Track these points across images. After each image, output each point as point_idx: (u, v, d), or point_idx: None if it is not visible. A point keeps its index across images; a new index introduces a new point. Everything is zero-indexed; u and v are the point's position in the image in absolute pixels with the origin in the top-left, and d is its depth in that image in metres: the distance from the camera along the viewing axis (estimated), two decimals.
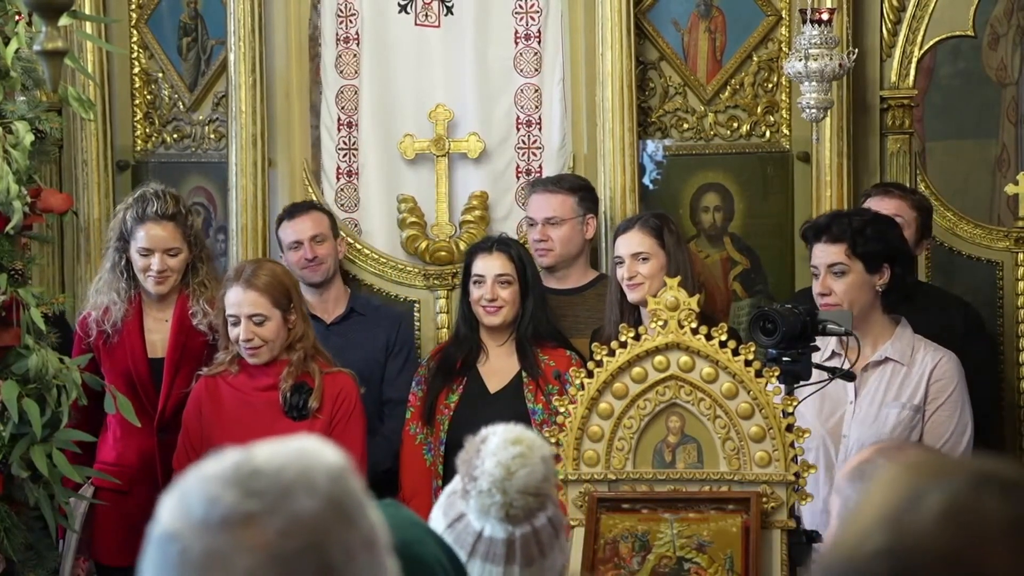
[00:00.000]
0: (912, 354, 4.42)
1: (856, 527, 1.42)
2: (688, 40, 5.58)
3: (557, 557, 2.61)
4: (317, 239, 5.33)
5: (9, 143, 4.45)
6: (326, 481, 1.48)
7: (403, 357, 5.24)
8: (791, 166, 5.52)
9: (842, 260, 4.37)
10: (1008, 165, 5.52)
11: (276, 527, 1.44)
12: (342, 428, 4.72)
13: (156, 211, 4.97)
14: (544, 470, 2.55)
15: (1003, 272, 5.36)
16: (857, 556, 1.40)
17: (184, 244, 5.01)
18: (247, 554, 1.43)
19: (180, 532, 1.46)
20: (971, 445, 4.41)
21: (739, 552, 3.58)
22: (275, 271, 4.80)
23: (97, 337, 5.03)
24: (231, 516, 1.44)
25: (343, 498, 1.49)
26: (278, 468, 1.48)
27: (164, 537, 1.47)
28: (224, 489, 1.46)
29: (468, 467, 2.56)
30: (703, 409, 3.70)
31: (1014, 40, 5.49)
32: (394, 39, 5.74)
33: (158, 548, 1.47)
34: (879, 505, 1.42)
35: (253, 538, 1.43)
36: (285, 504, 1.45)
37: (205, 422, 4.77)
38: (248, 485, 1.46)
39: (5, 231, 4.45)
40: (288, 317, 4.73)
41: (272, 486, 1.46)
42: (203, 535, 1.44)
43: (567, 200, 5.28)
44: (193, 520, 1.45)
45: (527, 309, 4.93)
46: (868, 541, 1.40)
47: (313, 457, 1.50)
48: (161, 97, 5.99)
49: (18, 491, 4.55)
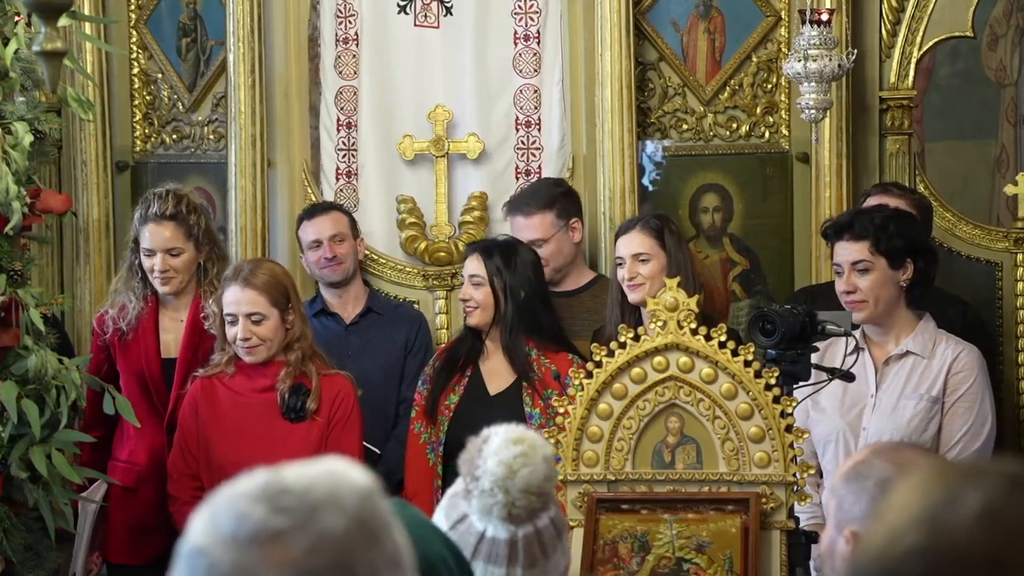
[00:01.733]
0: (933, 348, 4.46)
1: (887, 527, 1.42)
2: (687, 41, 5.58)
3: (560, 558, 2.61)
4: (336, 238, 5.34)
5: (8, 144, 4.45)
6: (354, 500, 1.51)
7: (421, 357, 5.22)
8: (790, 167, 5.52)
9: (866, 257, 4.38)
10: (1007, 166, 5.51)
11: (304, 544, 1.46)
12: (339, 431, 4.71)
13: (156, 212, 4.99)
14: (546, 470, 2.55)
15: (1002, 272, 5.36)
16: (889, 556, 1.40)
17: (188, 244, 5.01)
18: (275, 570, 1.45)
19: (209, 547, 1.48)
20: (992, 438, 4.45)
21: (738, 553, 3.58)
22: (274, 270, 4.80)
23: (112, 334, 5.06)
24: (260, 532, 1.47)
25: (370, 518, 1.51)
26: (307, 487, 1.50)
27: (193, 552, 1.49)
28: (253, 506, 1.48)
29: (470, 467, 2.57)
30: (702, 410, 3.71)
31: (1013, 41, 5.49)
32: (393, 40, 5.74)
33: (187, 563, 1.49)
34: (912, 506, 1.42)
35: (281, 554, 1.46)
36: (313, 522, 1.48)
37: (202, 423, 4.75)
38: (277, 502, 1.48)
39: (4, 232, 4.45)
40: (286, 317, 4.72)
41: (300, 504, 1.48)
42: (232, 550, 1.46)
43: (545, 218, 5.26)
44: (222, 535, 1.47)
45: (507, 314, 4.90)
46: (901, 541, 1.40)
47: (342, 477, 1.53)
48: (160, 98, 5.99)
49: (17, 492, 4.54)
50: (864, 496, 2.36)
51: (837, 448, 4.38)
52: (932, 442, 4.41)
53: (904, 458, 2.39)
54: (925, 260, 4.48)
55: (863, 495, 2.36)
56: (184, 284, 5.04)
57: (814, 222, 5.40)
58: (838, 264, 4.46)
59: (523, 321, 4.86)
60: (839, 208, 5.34)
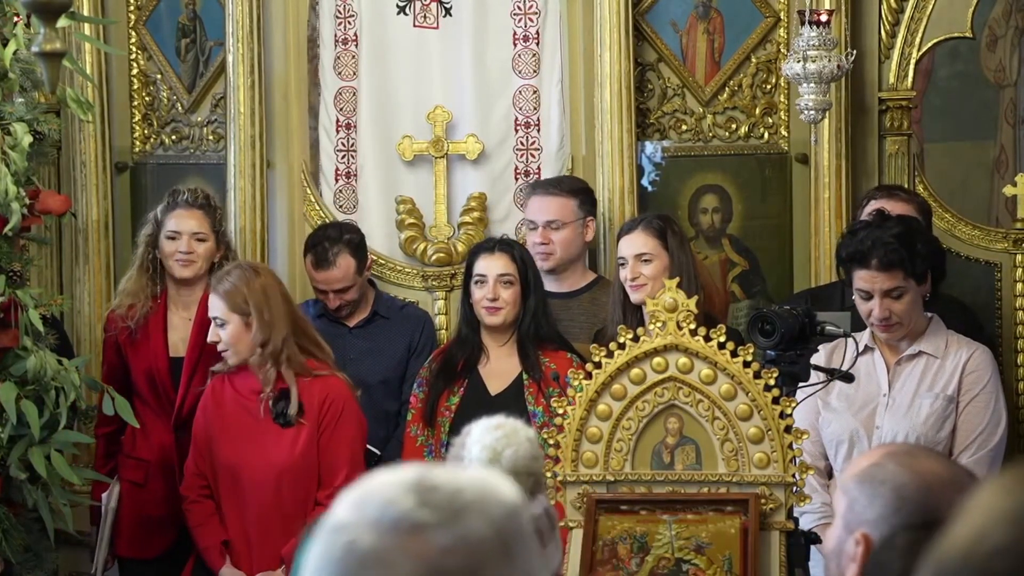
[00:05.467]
0: (945, 348, 4.50)
1: (972, 526, 1.43)
2: (686, 41, 5.58)
3: (554, 551, 2.62)
4: (347, 288, 5.27)
5: (7, 144, 4.45)
6: (500, 512, 1.53)
7: (426, 357, 5.22)
8: (789, 167, 5.52)
9: (900, 284, 4.38)
10: (1006, 166, 5.51)
11: (442, 542, 1.48)
12: (329, 434, 4.74)
13: (186, 199, 5.18)
14: (531, 449, 2.58)
15: (1001, 273, 5.36)
16: (975, 554, 1.41)
17: (211, 234, 5.18)
18: (409, 560, 1.48)
19: (352, 526, 1.51)
20: (1006, 436, 4.46)
21: (738, 553, 3.58)
22: (241, 276, 4.79)
23: (121, 332, 5.16)
24: (403, 521, 1.49)
25: (511, 533, 1.53)
26: (457, 488, 1.53)
27: (335, 527, 1.52)
28: (402, 495, 1.51)
29: (457, 461, 2.59)
30: (701, 410, 3.71)
31: (1012, 41, 5.49)
32: (392, 41, 5.74)
33: (327, 537, 1.52)
34: (998, 505, 1.43)
35: (418, 546, 1.48)
36: (456, 523, 1.50)
37: (209, 423, 4.83)
38: (426, 496, 1.51)
39: (3, 232, 4.45)
40: (248, 322, 4.74)
41: (448, 503, 1.51)
42: (372, 533, 1.49)
43: (568, 203, 5.28)
44: (367, 517, 1.50)
45: (528, 310, 4.93)
46: (987, 539, 1.41)
47: (493, 487, 1.56)
48: (159, 98, 5.98)
49: (16, 493, 4.55)
50: (878, 500, 2.35)
51: (850, 448, 4.40)
52: (947, 441, 4.43)
53: (919, 464, 2.39)
54: (941, 267, 4.51)
55: (877, 499, 2.35)
56: (201, 272, 5.17)
57: (813, 223, 5.40)
58: (865, 291, 4.40)
59: (537, 317, 4.90)
60: (838, 209, 5.34)
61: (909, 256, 4.35)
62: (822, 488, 4.43)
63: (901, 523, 2.31)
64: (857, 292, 4.44)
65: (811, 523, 4.24)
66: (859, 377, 4.35)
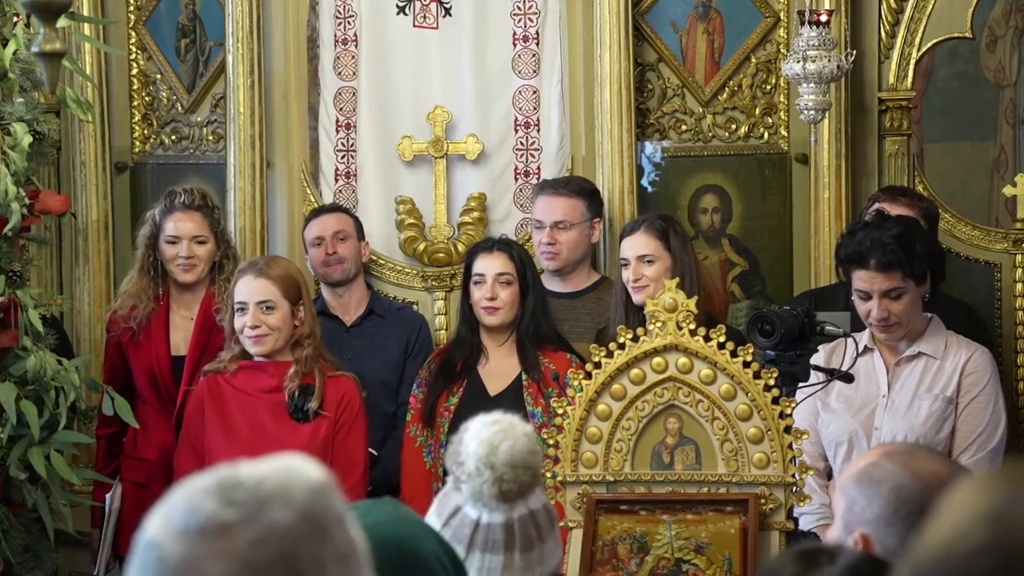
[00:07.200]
0: (945, 349, 4.49)
1: (950, 526, 1.43)
2: (686, 42, 5.58)
3: (554, 546, 2.63)
4: (339, 235, 5.38)
5: (7, 145, 4.45)
6: (304, 495, 1.53)
7: (422, 359, 5.22)
8: (789, 168, 5.52)
9: (899, 284, 4.37)
10: (1006, 167, 5.51)
11: (250, 537, 1.49)
12: (345, 433, 4.72)
13: (183, 202, 5.19)
14: (528, 443, 2.58)
15: (1001, 274, 5.36)
16: (954, 554, 1.41)
17: (211, 235, 5.19)
18: (220, 562, 1.48)
19: (161, 540, 1.51)
20: (1005, 437, 4.46)
21: (737, 554, 3.58)
22: (288, 266, 4.89)
23: (123, 333, 5.18)
24: (208, 524, 1.50)
25: (319, 513, 1.54)
26: (259, 481, 1.53)
27: (147, 544, 1.52)
28: (205, 499, 1.51)
29: (455, 458, 2.60)
30: (701, 411, 3.70)
31: (1012, 41, 5.49)
32: (392, 41, 5.74)
33: (141, 555, 1.52)
34: (977, 504, 1.43)
35: (226, 546, 1.48)
36: (261, 515, 1.50)
37: (208, 423, 4.77)
38: (228, 496, 1.51)
39: (3, 233, 4.45)
40: (296, 311, 4.74)
41: (250, 497, 1.51)
42: (181, 543, 1.49)
43: (576, 204, 5.28)
44: (173, 528, 1.51)
45: (527, 309, 4.93)
46: (966, 539, 1.41)
47: (295, 472, 1.56)
48: (159, 99, 5.98)
49: (16, 493, 4.55)
50: (877, 500, 2.35)
51: (850, 449, 4.40)
52: (946, 442, 4.43)
53: (918, 463, 2.39)
54: (941, 268, 4.51)
55: (876, 499, 2.36)
56: (203, 275, 5.19)
57: (813, 223, 5.40)
58: (864, 291, 4.40)
59: (536, 317, 4.90)
60: (838, 209, 5.34)
61: (908, 257, 4.35)
62: (821, 489, 4.43)
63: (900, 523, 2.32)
64: (856, 293, 4.44)
65: (810, 524, 4.24)
66: (858, 378, 4.35)
